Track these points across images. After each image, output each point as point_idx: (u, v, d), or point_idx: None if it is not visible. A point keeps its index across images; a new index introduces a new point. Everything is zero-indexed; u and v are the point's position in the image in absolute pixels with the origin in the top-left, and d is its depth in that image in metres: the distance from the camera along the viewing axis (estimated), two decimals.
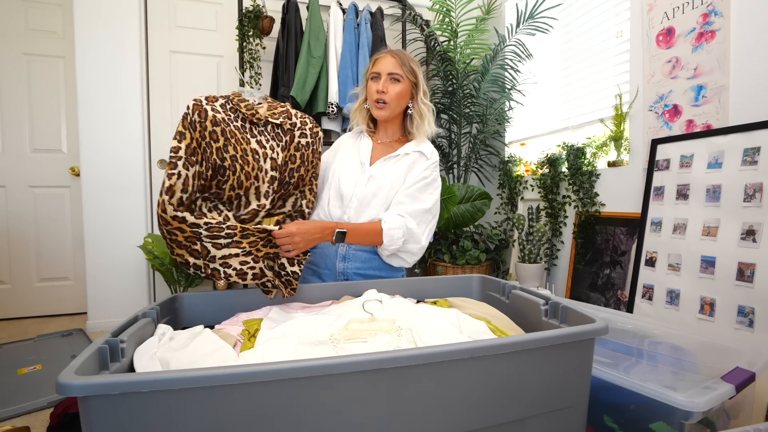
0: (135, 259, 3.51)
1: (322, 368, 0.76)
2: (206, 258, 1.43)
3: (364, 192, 1.84)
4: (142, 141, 3.53)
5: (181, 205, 1.40)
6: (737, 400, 1.20)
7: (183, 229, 1.39)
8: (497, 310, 1.34)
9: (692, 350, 1.44)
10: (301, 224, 1.54)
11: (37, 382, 2.38)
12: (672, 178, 2.25)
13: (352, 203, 1.84)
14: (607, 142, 2.79)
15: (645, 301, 2.28)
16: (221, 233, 1.42)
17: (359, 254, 1.85)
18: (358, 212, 1.83)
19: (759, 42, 1.96)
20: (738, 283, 1.85)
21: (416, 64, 1.91)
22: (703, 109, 2.18)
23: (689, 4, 2.24)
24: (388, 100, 1.84)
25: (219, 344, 1.04)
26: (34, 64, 3.74)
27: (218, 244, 1.44)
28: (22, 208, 3.77)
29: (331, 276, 1.85)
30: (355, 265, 1.85)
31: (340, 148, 2.03)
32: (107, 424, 0.69)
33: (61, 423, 1.83)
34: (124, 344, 0.90)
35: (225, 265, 1.45)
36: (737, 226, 1.89)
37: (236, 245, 1.46)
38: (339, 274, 1.85)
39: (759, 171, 1.85)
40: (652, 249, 2.28)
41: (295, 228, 1.51)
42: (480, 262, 3.26)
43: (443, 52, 3.61)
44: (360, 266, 1.85)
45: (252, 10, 3.38)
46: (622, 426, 1.22)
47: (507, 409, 0.91)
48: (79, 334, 3.27)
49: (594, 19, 3.02)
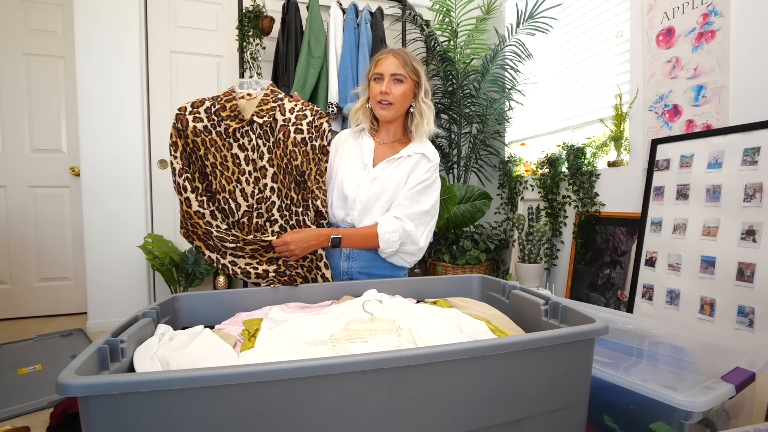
0: (135, 259, 3.51)
1: (322, 368, 0.76)
2: (219, 252, 1.64)
3: (368, 194, 1.84)
4: (142, 141, 3.53)
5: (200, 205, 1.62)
6: (737, 400, 1.20)
7: (200, 225, 1.61)
8: (497, 310, 1.34)
9: (692, 350, 1.44)
10: (296, 232, 1.66)
11: (37, 382, 2.38)
12: (672, 178, 2.25)
13: (356, 205, 1.84)
14: (607, 142, 2.79)
15: (645, 301, 2.28)
16: (228, 238, 1.61)
17: (363, 254, 1.86)
18: (362, 214, 1.85)
19: (759, 42, 1.96)
20: (738, 283, 1.85)
21: (418, 62, 1.90)
22: (703, 109, 2.18)
23: (689, 4, 2.24)
24: (393, 101, 1.84)
25: (219, 344, 1.04)
26: (34, 64, 3.74)
27: (225, 246, 1.62)
28: (22, 208, 3.77)
29: (336, 275, 1.86)
30: (359, 264, 1.86)
31: (340, 146, 2.01)
32: (107, 424, 0.69)
33: (61, 423, 1.83)
34: (124, 344, 0.90)
35: (233, 264, 1.65)
36: (737, 226, 1.89)
37: (240, 250, 1.57)
38: (343, 273, 1.86)
39: (759, 171, 1.85)
40: (652, 249, 2.28)
41: (289, 237, 1.63)
42: (480, 262, 3.26)
43: (443, 52, 3.61)
44: (364, 265, 1.87)
45: (252, 10, 3.38)
46: (622, 426, 1.22)
47: (507, 409, 0.91)
48: (79, 334, 3.27)
49: (594, 19, 3.02)
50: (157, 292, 3.68)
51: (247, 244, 1.61)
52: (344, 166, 1.92)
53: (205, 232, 1.61)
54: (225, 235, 1.60)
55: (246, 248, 1.62)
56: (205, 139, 1.62)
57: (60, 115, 3.84)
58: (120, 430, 0.70)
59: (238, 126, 1.66)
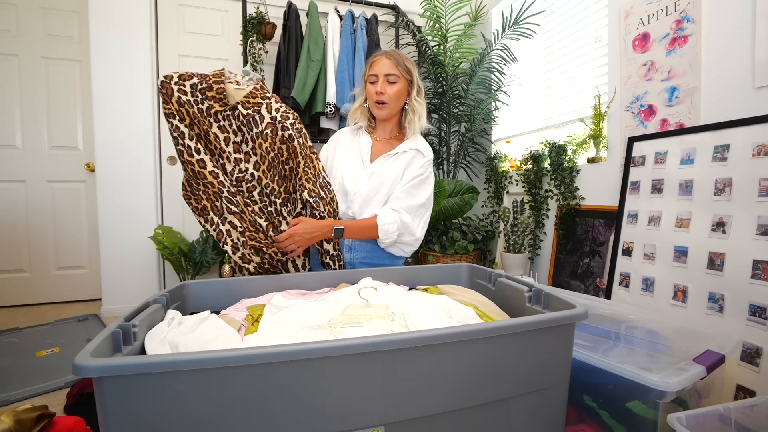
0: (146, 249, 3.51)
1: (321, 351, 0.75)
2: (220, 216, 1.60)
3: (368, 188, 1.84)
4: (153, 139, 3.52)
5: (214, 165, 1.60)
6: (708, 381, 1.20)
7: (215, 184, 1.58)
8: (484, 297, 1.34)
9: (666, 334, 1.44)
10: (302, 223, 1.64)
11: (54, 364, 2.38)
12: (647, 173, 2.25)
13: (356, 199, 1.85)
14: (586, 140, 2.78)
15: (622, 288, 2.28)
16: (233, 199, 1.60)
17: (364, 245, 1.86)
18: (362, 207, 1.85)
19: (728, 46, 1.95)
20: (709, 271, 1.85)
21: (411, 62, 1.90)
22: (677, 109, 2.18)
23: (663, 11, 2.23)
24: (387, 101, 1.84)
25: (224, 328, 1.03)
26: (52, 67, 3.73)
27: (231, 209, 1.60)
28: (40, 202, 3.76)
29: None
30: (361, 255, 1.87)
31: (339, 143, 2.01)
32: (120, 403, 0.69)
33: (77, 402, 1.83)
34: (136, 328, 0.89)
35: (228, 233, 1.62)
36: (708, 218, 1.89)
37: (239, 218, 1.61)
38: (346, 263, 1.87)
39: (728, 167, 1.85)
40: (629, 240, 2.28)
41: (293, 230, 1.62)
42: (468, 252, 3.27)
43: (434, 55, 3.60)
44: (365, 255, 1.87)
45: (255, 17, 3.37)
46: (601, 405, 1.22)
47: (493, 389, 0.91)
48: (94, 319, 3.27)
49: (574, 25, 3.01)
50: (166, 280, 3.67)
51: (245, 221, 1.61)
52: (344, 163, 1.92)
53: (217, 192, 1.58)
54: (231, 197, 1.59)
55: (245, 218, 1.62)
56: (189, 110, 1.55)
57: (76, 115, 3.82)
58: (132, 408, 0.69)
59: (221, 108, 1.59)
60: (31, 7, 3.64)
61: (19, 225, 3.71)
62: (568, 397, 1.02)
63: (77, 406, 1.81)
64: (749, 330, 1.66)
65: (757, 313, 1.64)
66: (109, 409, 0.69)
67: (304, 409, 0.77)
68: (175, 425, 0.71)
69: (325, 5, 3.64)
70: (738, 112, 1.91)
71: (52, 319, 3.25)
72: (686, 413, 1.01)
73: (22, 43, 3.63)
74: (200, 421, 0.72)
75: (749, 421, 1.08)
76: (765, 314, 1.62)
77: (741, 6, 1.90)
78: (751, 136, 1.78)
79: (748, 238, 1.72)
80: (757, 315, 1.64)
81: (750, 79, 1.87)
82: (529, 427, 0.97)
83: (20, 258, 3.74)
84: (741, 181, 1.79)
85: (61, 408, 1.88)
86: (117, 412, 0.69)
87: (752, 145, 1.77)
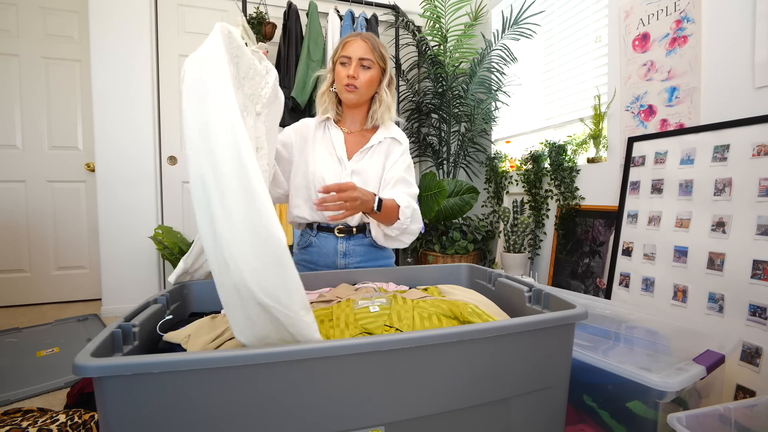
0: (146, 249, 3.50)
1: (321, 351, 0.75)
2: None
3: None
4: (153, 139, 3.51)
5: None
6: (708, 381, 1.20)
7: None
8: (484, 297, 1.33)
9: (666, 334, 1.44)
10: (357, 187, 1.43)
11: (54, 364, 2.38)
12: (647, 173, 2.25)
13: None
14: (586, 140, 2.78)
15: (622, 288, 2.28)
16: None
17: (358, 249, 1.74)
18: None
19: (728, 46, 1.95)
20: (708, 271, 1.85)
21: (386, 49, 1.75)
22: (676, 109, 2.18)
23: (663, 11, 2.23)
24: (359, 86, 1.67)
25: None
26: (52, 67, 3.73)
27: None
28: (40, 202, 3.76)
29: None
30: (355, 260, 1.75)
31: (308, 137, 1.79)
32: (120, 403, 0.69)
33: (77, 402, 1.82)
34: (136, 328, 0.89)
35: None
36: (708, 218, 1.89)
37: None
38: (341, 269, 1.71)
39: (728, 167, 1.85)
40: (629, 240, 2.28)
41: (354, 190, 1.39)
42: (468, 252, 3.27)
43: (434, 56, 3.61)
44: (360, 260, 1.75)
45: (255, 17, 3.37)
46: (601, 405, 1.22)
47: (493, 389, 0.90)
48: (93, 319, 3.27)
49: (574, 25, 3.01)
50: (166, 280, 3.65)
51: None
52: (320, 163, 1.72)
53: None
54: None
55: None
56: None
57: (76, 115, 3.82)
58: (132, 408, 0.69)
59: None
60: (31, 7, 3.63)
61: (20, 225, 3.71)
62: (568, 397, 1.02)
63: (77, 406, 1.81)
64: (749, 330, 1.66)
65: (757, 313, 1.64)
66: (109, 409, 0.69)
67: (304, 409, 0.77)
68: (175, 425, 0.71)
69: (325, 5, 3.64)
70: (738, 112, 1.91)
71: (52, 319, 3.25)
72: (686, 413, 1.01)
73: (22, 43, 3.63)
74: (201, 421, 0.72)
75: (749, 421, 1.08)
76: (765, 314, 1.62)
77: (741, 6, 1.90)
78: (751, 136, 1.78)
79: (748, 238, 1.72)
80: (757, 315, 1.64)
81: (750, 79, 1.87)
82: (529, 427, 0.97)
83: (20, 258, 3.73)
84: (741, 181, 1.79)
85: (62, 407, 1.88)
86: (117, 412, 0.69)
87: (752, 145, 1.77)
